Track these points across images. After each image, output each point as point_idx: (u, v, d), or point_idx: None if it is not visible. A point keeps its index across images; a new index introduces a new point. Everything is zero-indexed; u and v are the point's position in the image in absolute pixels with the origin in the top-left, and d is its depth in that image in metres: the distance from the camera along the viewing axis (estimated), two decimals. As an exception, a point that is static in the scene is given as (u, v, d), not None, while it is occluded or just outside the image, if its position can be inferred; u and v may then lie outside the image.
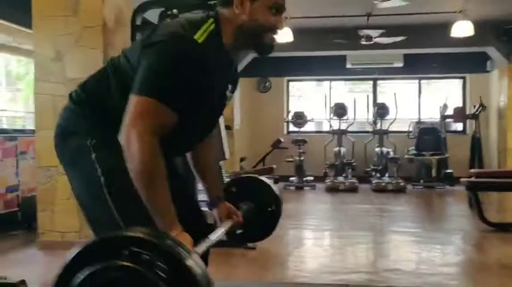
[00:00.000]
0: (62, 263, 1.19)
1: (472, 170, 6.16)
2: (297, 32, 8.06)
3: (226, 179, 4.32)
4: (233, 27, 1.64)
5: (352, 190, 8.49)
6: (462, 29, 7.50)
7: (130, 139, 1.46)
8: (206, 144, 1.92)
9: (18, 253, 4.34)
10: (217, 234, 1.72)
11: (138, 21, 4.44)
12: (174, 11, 3.84)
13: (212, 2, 4.12)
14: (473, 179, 5.08)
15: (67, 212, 4.25)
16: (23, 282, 3.15)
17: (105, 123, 1.62)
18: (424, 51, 9.57)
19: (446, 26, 8.12)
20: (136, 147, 1.45)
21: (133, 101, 1.49)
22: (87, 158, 1.61)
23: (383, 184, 8.54)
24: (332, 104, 9.61)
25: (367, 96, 9.93)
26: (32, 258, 4.19)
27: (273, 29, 1.67)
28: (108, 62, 1.74)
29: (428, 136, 8.81)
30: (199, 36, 1.54)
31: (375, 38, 8.04)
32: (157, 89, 1.49)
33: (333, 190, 8.52)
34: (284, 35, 7.84)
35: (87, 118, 1.68)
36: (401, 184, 8.46)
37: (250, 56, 9.31)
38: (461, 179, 5.27)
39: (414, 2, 6.78)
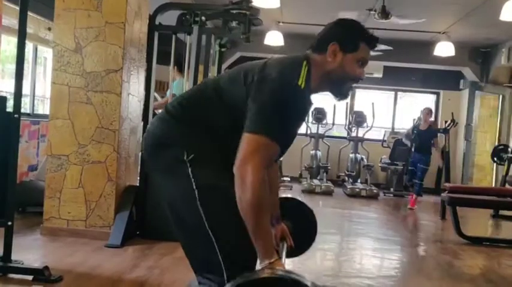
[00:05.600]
0: None
1: (447, 184, 6.56)
2: (287, 36, 8.31)
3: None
4: (321, 71, 1.83)
5: (328, 193, 8.83)
6: (444, 49, 7.93)
7: (246, 173, 1.61)
8: (274, 165, 2.08)
9: (20, 237, 4.36)
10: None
11: (157, 22, 4.55)
12: (203, 18, 3.95)
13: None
14: (455, 195, 5.44)
15: (74, 201, 4.36)
16: (46, 268, 3.30)
17: (203, 141, 1.79)
18: (403, 65, 10.02)
19: (428, 44, 8.55)
20: (250, 180, 1.60)
21: (248, 139, 1.66)
22: (183, 170, 1.75)
23: (357, 189, 8.91)
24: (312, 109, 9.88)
25: (347, 104, 10.29)
26: (37, 243, 4.24)
27: (356, 79, 1.89)
28: (208, 85, 1.91)
29: (403, 147, 9.21)
30: (301, 81, 1.73)
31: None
32: (269, 129, 1.66)
33: (309, 192, 8.83)
34: (275, 39, 8.08)
35: (186, 134, 1.81)
36: (375, 191, 8.86)
37: (238, 54, 9.49)
38: (442, 195, 5.64)
39: (401, 18, 7.13)
